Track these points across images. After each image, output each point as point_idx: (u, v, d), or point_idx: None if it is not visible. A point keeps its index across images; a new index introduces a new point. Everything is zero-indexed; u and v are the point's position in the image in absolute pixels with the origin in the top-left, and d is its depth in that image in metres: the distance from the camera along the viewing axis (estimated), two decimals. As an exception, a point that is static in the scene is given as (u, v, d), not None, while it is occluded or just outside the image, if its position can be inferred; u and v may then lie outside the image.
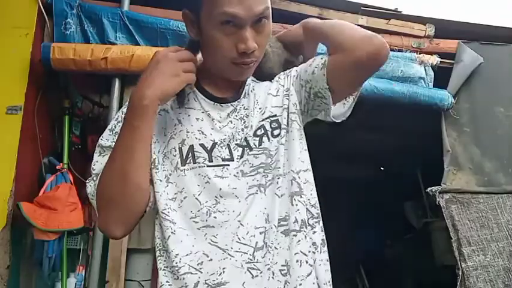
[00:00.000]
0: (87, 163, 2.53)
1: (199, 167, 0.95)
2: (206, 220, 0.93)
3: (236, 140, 0.98)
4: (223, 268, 0.90)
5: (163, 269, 0.96)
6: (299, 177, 0.97)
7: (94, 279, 1.96)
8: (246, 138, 0.98)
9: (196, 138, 0.97)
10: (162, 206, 0.94)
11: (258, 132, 0.98)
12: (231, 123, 1.00)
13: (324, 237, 0.98)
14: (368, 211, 5.13)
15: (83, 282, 2.20)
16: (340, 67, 0.96)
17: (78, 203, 2.02)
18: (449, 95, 2.32)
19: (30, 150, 2.03)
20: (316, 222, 0.97)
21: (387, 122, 2.94)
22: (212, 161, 0.96)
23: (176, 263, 0.92)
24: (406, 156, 3.96)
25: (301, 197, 0.96)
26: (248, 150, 0.97)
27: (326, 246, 0.98)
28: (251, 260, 0.90)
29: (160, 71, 0.94)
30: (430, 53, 2.36)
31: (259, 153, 0.97)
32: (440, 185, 2.26)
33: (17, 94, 1.97)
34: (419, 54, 2.35)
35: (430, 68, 2.34)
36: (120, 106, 2.09)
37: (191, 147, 0.96)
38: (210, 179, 0.94)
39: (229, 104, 1.01)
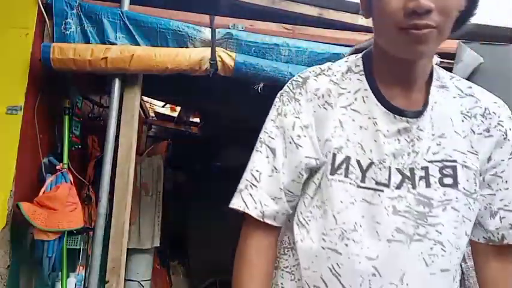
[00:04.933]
0: (87, 163, 2.54)
1: (350, 183, 0.81)
2: (336, 243, 0.81)
3: (398, 164, 0.80)
4: None
5: (282, 269, 0.90)
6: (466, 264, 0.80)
7: (94, 279, 1.96)
8: (411, 167, 0.80)
9: (356, 153, 0.82)
10: (303, 209, 0.86)
11: (419, 173, 0.80)
12: (398, 142, 0.81)
13: None
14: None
15: (83, 282, 2.20)
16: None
17: (78, 203, 2.02)
18: (449, 95, 2.32)
19: (30, 150, 2.03)
20: None
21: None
22: (364, 182, 0.81)
23: (296, 268, 0.87)
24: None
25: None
26: (410, 185, 0.80)
27: None
28: None
29: None
30: (430, 53, 2.36)
31: (418, 196, 0.79)
32: (440, 185, 2.26)
33: (17, 94, 1.97)
34: (419, 54, 2.35)
35: (430, 68, 2.34)
36: (120, 106, 2.09)
37: (347, 158, 0.82)
38: (355, 201, 0.80)
39: (404, 119, 0.82)
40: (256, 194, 0.86)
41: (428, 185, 0.79)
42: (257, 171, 0.87)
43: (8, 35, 2.01)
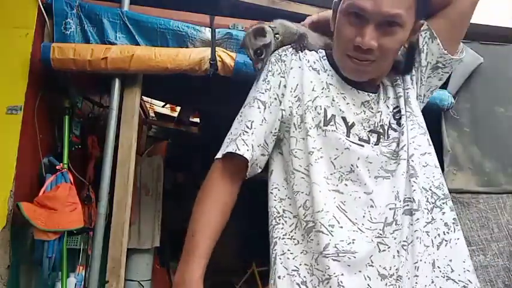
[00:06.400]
0: (87, 163, 2.54)
1: (341, 133, 0.98)
2: (337, 185, 0.96)
3: (370, 126, 1.01)
4: (353, 239, 0.92)
5: (282, 238, 0.98)
6: (412, 160, 0.99)
7: (94, 279, 1.95)
8: (381, 125, 1.01)
9: (341, 110, 1.00)
10: (296, 162, 0.98)
11: (387, 126, 1.02)
12: (364, 113, 1.02)
13: (455, 216, 1.01)
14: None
15: (83, 282, 2.20)
16: (448, 27, 1.04)
17: (78, 203, 2.02)
18: (449, 95, 2.32)
19: (30, 150, 2.02)
20: (443, 203, 1.00)
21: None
22: (349, 137, 0.98)
23: (295, 232, 0.96)
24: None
25: (416, 179, 0.98)
26: (383, 139, 1.00)
27: (459, 224, 1.00)
28: (381, 234, 0.93)
29: None
30: (430, 53, 2.36)
31: (392, 141, 1.01)
32: (440, 185, 2.26)
33: (17, 94, 1.97)
34: (419, 54, 2.34)
35: (430, 68, 2.34)
36: (120, 106, 2.09)
37: (333, 116, 0.99)
38: (350, 145, 0.96)
39: (366, 93, 1.03)
40: (248, 138, 0.99)
41: (395, 130, 1.02)
42: (249, 120, 1.01)
43: (8, 35, 2.01)
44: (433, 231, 0.97)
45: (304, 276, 0.94)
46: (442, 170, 2.30)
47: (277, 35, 1.13)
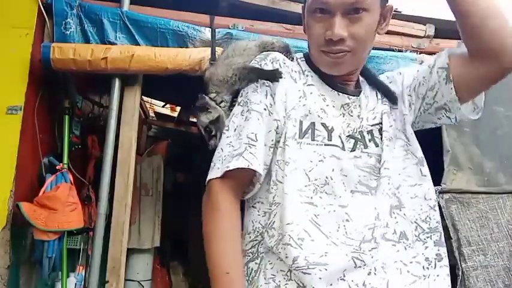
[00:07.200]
0: (87, 163, 2.54)
1: (317, 145, 0.96)
2: (311, 197, 0.92)
3: (348, 132, 0.99)
4: (326, 252, 0.89)
5: (267, 252, 0.95)
6: (399, 192, 0.97)
7: (94, 279, 1.95)
8: (361, 131, 1.00)
9: (319, 117, 0.98)
10: (280, 173, 0.95)
11: (367, 136, 1.00)
12: (343, 116, 1.01)
13: (441, 252, 0.98)
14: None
15: (83, 282, 2.20)
16: (472, 78, 1.01)
17: (78, 203, 2.02)
18: (449, 95, 2.31)
19: (30, 150, 2.03)
20: (427, 237, 0.97)
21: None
22: (331, 140, 0.96)
23: (277, 229, 0.92)
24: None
25: (400, 210, 0.96)
26: (362, 147, 0.98)
27: (445, 260, 0.98)
28: (357, 250, 0.90)
29: None
30: (430, 53, 2.36)
31: (371, 155, 0.98)
32: (440, 185, 2.26)
33: (17, 94, 1.97)
34: (419, 54, 2.35)
35: (430, 68, 2.34)
36: (120, 106, 2.09)
37: (312, 124, 0.97)
38: (325, 158, 0.94)
39: (345, 96, 1.03)
40: (257, 152, 0.93)
41: (376, 144, 0.99)
42: (252, 133, 0.95)
43: (8, 35, 2.01)
44: (414, 265, 0.94)
45: (279, 281, 0.91)
46: (442, 170, 2.31)
47: (222, 103, 1.06)
